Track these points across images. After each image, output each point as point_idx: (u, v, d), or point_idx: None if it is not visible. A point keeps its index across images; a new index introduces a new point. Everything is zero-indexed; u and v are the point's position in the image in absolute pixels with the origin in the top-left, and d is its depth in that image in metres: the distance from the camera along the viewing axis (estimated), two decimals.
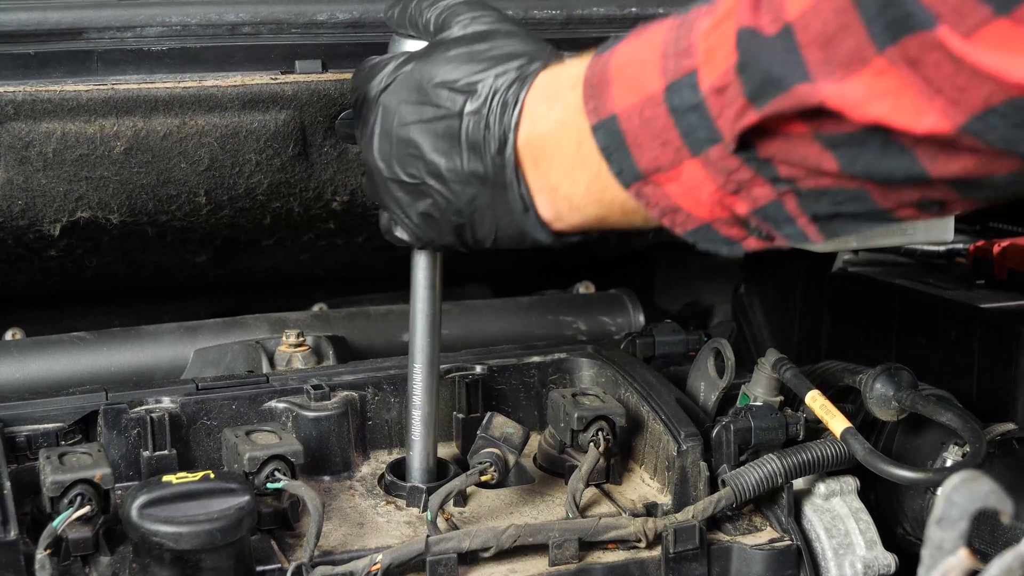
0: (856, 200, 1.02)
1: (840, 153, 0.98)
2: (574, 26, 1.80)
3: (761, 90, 0.98)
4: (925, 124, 0.92)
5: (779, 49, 0.97)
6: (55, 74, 1.56)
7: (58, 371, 1.74)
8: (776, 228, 1.08)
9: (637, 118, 1.10)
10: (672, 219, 1.13)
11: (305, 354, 1.71)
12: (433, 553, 1.37)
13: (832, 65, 0.94)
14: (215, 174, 1.65)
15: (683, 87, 1.06)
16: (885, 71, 0.91)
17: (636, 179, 1.12)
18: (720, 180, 1.06)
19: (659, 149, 1.08)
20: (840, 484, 1.56)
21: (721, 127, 1.04)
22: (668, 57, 1.08)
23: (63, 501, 1.32)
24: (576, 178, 1.18)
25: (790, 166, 1.02)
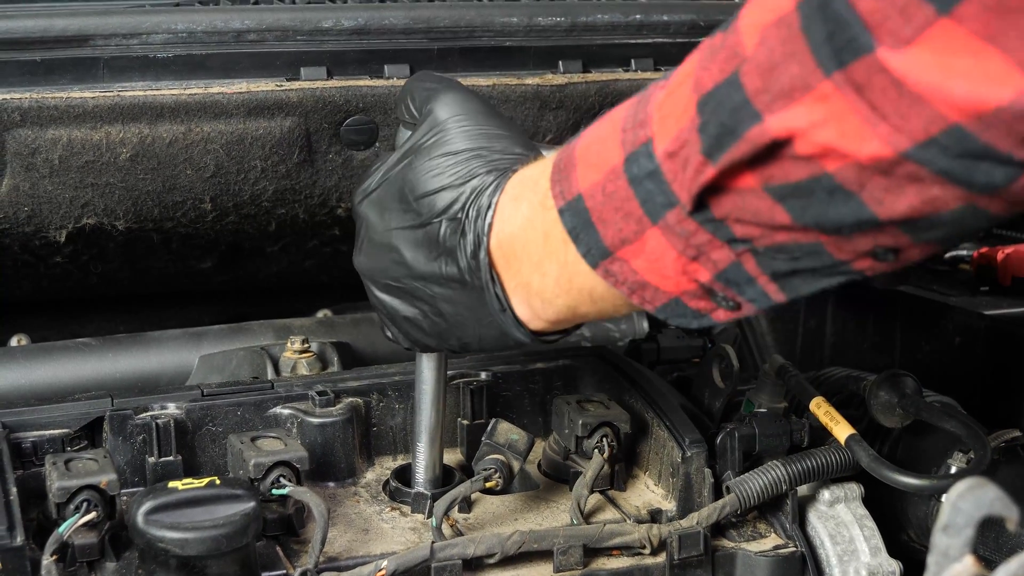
0: (812, 254, 1.02)
1: (789, 205, 0.98)
2: (578, 33, 1.81)
3: (717, 143, 0.99)
4: (869, 149, 0.92)
5: (728, 96, 0.98)
6: (61, 81, 1.57)
7: (63, 377, 1.74)
8: (739, 292, 1.08)
9: (600, 194, 1.11)
10: (641, 296, 1.13)
11: (310, 360, 1.71)
12: (438, 559, 1.37)
13: (772, 94, 0.94)
14: (220, 181, 1.65)
15: (640, 156, 1.07)
16: (830, 96, 0.92)
17: (603, 257, 1.13)
18: (680, 246, 1.07)
19: (622, 221, 1.09)
20: (844, 491, 1.56)
21: (676, 190, 1.04)
22: (627, 131, 1.09)
23: (69, 507, 1.32)
24: (545, 271, 1.20)
25: (744, 224, 1.02)
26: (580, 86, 1.77)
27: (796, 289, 1.06)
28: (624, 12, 1.84)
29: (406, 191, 1.29)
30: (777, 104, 0.94)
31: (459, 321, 1.29)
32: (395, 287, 1.32)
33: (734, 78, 0.97)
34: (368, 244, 1.34)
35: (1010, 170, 0.89)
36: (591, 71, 1.80)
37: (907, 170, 0.92)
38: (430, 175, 1.28)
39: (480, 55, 1.75)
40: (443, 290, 1.28)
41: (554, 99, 1.76)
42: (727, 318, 1.12)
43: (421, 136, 1.31)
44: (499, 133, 1.30)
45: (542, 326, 1.26)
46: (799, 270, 1.04)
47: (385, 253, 1.32)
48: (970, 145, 0.89)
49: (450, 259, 1.26)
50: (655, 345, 1.90)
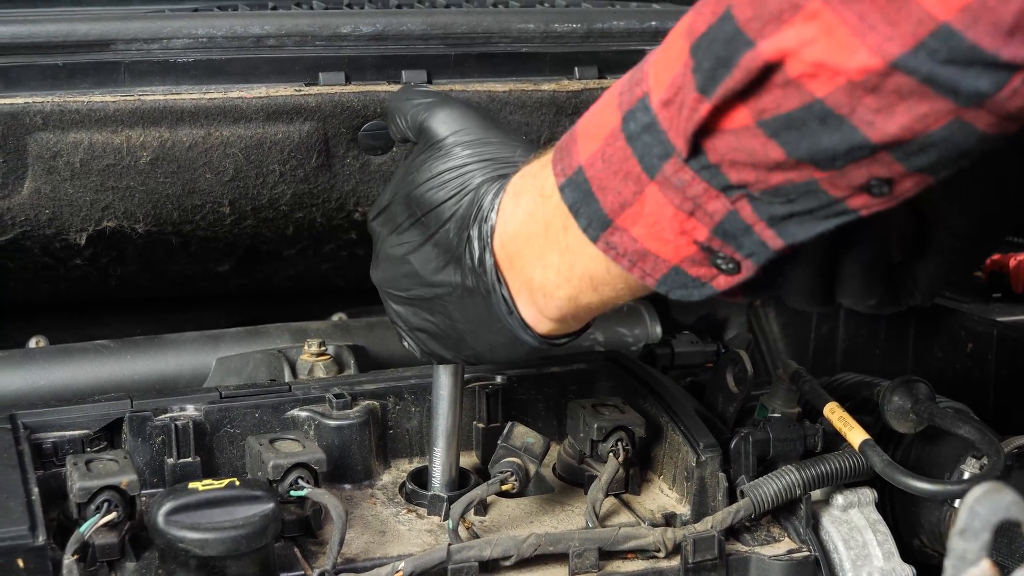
0: (808, 194, 1.03)
1: (783, 139, 0.99)
2: (594, 40, 1.82)
3: (711, 77, 1.00)
4: (858, 61, 0.92)
5: (722, 29, 0.99)
6: (83, 85, 1.58)
7: (82, 379, 1.75)
8: (736, 246, 1.09)
9: (600, 161, 1.12)
10: (641, 269, 1.14)
11: (327, 363, 1.72)
12: (455, 561, 1.38)
13: (763, 20, 0.96)
14: (239, 184, 1.67)
15: (636, 112, 1.08)
16: (819, 12, 0.93)
17: (603, 227, 1.14)
18: (677, 200, 1.08)
19: (621, 184, 1.10)
20: (858, 496, 1.56)
21: (672, 138, 1.05)
22: (623, 93, 1.11)
23: (90, 507, 1.34)
24: (547, 262, 1.21)
25: (739, 167, 1.03)
26: (596, 92, 1.78)
27: (793, 234, 1.06)
28: (640, 19, 1.86)
29: (413, 206, 1.32)
30: (768, 28, 0.95)
31: (471, 330, 1.31)
32: (409, 299, 1.35)
33: (726, 13, 0.98)
34: (382, 258, 1.37)
35: (996, 75, 0.90)
36: (607, 77, 1.81)
37: (896, 83, 0.93)
38: (434, 189, 1.30)
39: (497, 61, 1.76)
40: (453, 298, 1.30)
41: (570, 105, 1.77)
42: (728, 284, 1.12)
43: (422, 152, 1.34)
44: (499, 142, 1.32)
45: (548, 327, 1.27)
46: (795, 212, 1.05)
47: (398, 266, 1.35)
48: (957, 45, 0.89)
49: (457, 266, 1.28)
50: (669, 350, 1.91)
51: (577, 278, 1.20)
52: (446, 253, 1.29)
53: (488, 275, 1.26)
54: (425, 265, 1.31)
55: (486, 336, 1.31)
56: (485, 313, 1.28)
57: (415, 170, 1.33)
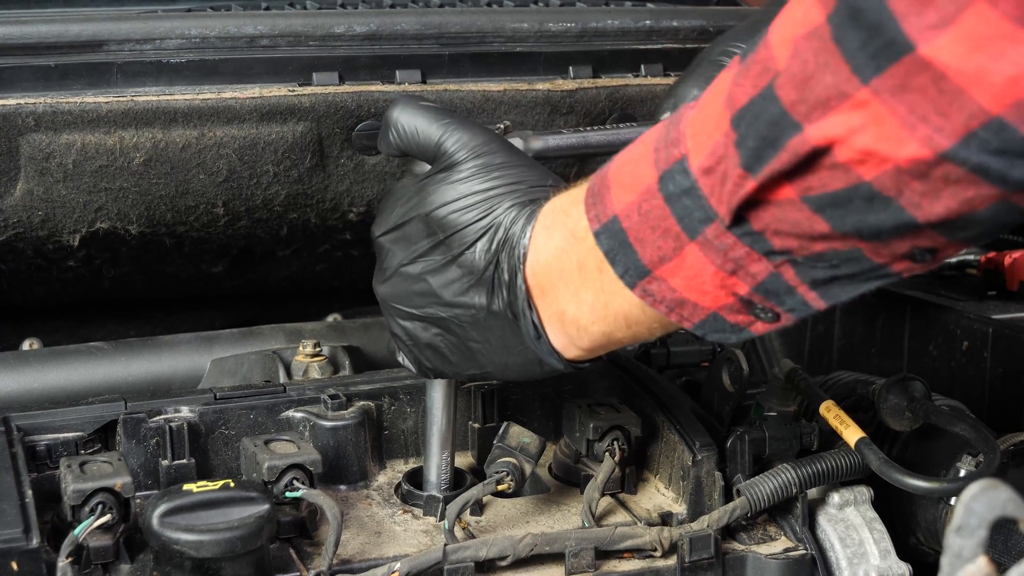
0: (851, 260, 1.04)
1: (828, 214, 1.00)
2: (588, 39, 1.82)
3: (756, 156, 1.00)
4: (908, 152, 0.93)
5: (766, 108, 0.99)
6: (75, 86, 1.58)
7: (76, 381, 1.75)
8: (778, 302, 1.10)
9: (636, 214, 1.13)
10: (679, 313, 1.15)
11: (322, 364, 1.72)
12: (451, 562, 1.38)
13: (809, 104, 0.96)
14: (233, 185, 1.66)
15: (675, 174, 1.09)
16: (867, 102, 0.93)
17: (641, 276, 1.14)
18: (718, 260, 1.08)
19: (660, 239, 1.11)
20: (854, 494, 1.56)
21: (714, 205, 1.06)
22: (659, 150, 1.11)
23: (84, 509, 1.33)
24: (581, 299, 1.22)
25: (783, 236, 1.04)
26: (590, 91, 1.78)
27: (835, 296, 1.08)
28: (634, 18, 1.85)
29: (434, 226, 1.31)
30: (815, 114, 0.96)
31: (485, 349, 1.32)
32: (421, 316, 1.35)
33: (769, 91, 0.99)
34: (393, 275, 1.36)
35: None
36: (601, 76, 1.81)
37: (944, 171, 0.93)
38: (459, 211, 1.29)
39: (491, 60, 1.76)
40: (472, 319, 1.30)
41: (564, 104, 1.76)
42: (766, 330, 1.13)
43: (441, 173, 1.32)
44: (523, 165, 1.32)
45: (576, 354, 1.28)
46: (838, 276, 1.06)
47: (411, 283, 1.34)
48: (1010, 137, 0.90)
49: (483, 290, 1.28)
50: (665, 350, 1.91)
51: (612, 316, 1.21)
52: (470, 275, 1.29)
53: (519, 301, 1.26)
54: (446, 286, 1.31)
55: (503, 357, 1.32)
56: (509, 336, 1.29)
57: (435, 191, 1.32)
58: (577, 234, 1.20)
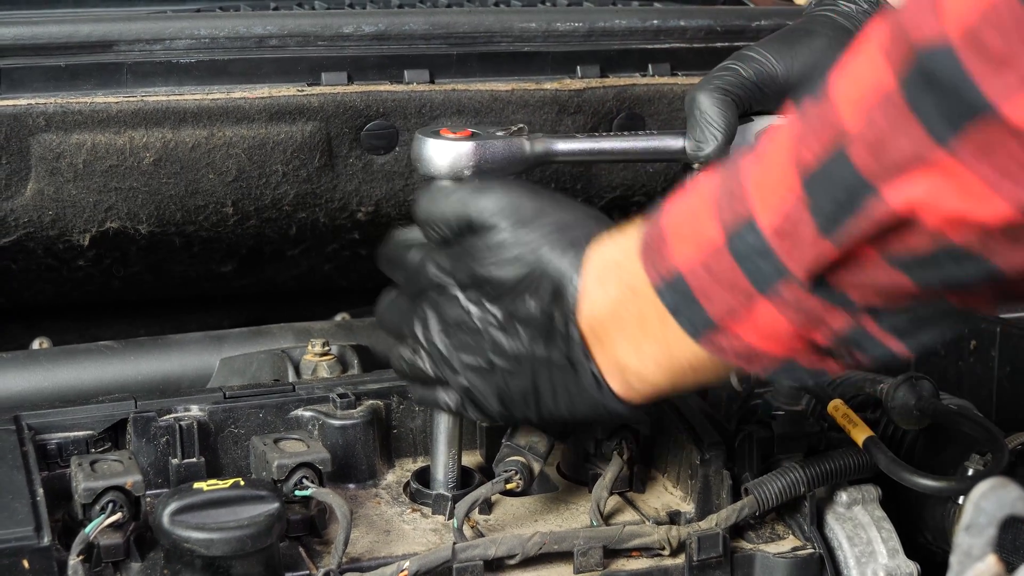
0: (936, 309, 1.03)
1: (914, 273, 0.98)
2: (596, 38, 1.83)
3: (834, 221, 0.99)
4: (993, 211, 0.91)
5: (839, 172, 0.98)
6: (85, 86, 1.59)
7: (86, 380, 1.75)
8: (860, 350, 1.08)
9: (702, 271, 1.11)
10: (751, 362, 1.13)
11: (330, 363, 1.72)
12: (460, 560, 1.38)
13: (885, 168, 0.94)
14: (242, 185, 1.67)
15: (744, 233, 1.06)
16: (947, 165, 0.91)
17: (709, 329, 1.13)
18: (795, 317, 1.07)
19: (729, 296, 1.09)
20: (862, 493, 1.56)
21: (790, 266, 1.04)
22: (722, 206, 1.09)
23: (95, 508, 1.34)
24: (643, 353, 1.20)
25: (864, 292, 1.02)
26: (598, 91, 1.78)
27: (920, 341, 1.06)
28: (642, 17, 1.86)
29: (484, 285, 1.30)
30: (892, 178, 0.94)
31: (552, 396, 1.31)
32: (475, 367, 1.33)
33: (840, 156, 0.97)
34: (442, 324, 1.34)
35: None
36: (609, 76, 1.82)
37: None
38: (502, 267, 1.29)
39: (499, 60, 1.76)
40: (538, 369, 1.29)
41: (572, 104, 1.77)
42: (843, 370, 1.12)
43: (477, 238, 1.31)
44: (553, 209, 1.31)
45: (634, 399, 1.27)
46: (923, 324, 1.04)
47: (466, 335, 1.32)
48: None
49: (541, 340, 1.27)
50: None
51: (678, 369, 1.19)
52: (528, 327, 1.28)
53: (576, 350, 1.25)
54: (508, 340, 1.30)
55: (568, 402, 1.30)
56: (572, 383, 1.28)
57: (474, 255, 1.31)
58: (635, 288, 1.18)
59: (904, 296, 1.01)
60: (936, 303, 1.02)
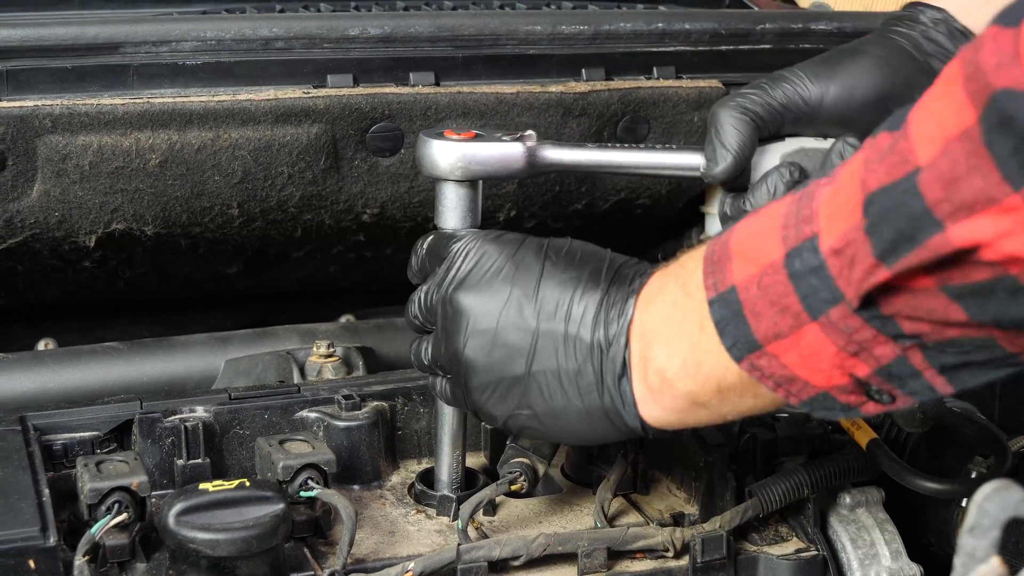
0: (984, 348, 1.02)
1: (967, 303, 0.98)
2: (601, 41, 1.83)
3: (892, 248, 0.99)
4: None
5: (905, 201, 0.97)
6: (92, 88, 1.59)
7: (91, 381, 1.76)
8: (900, 386, 1.08)
9: (755, 287, 1.11)
10: (787, 390, 1.13)
11: (335, 365, 1.73)
12: (464, 561, 1.39)
13: (954, 205, 0.94)
14: (248, 187, 1.67)
15: (803, 251, 1.06)
16: (1016, 208, 0.91)
17: (751, 350, 1.12)
18: (841, 342, 1.06)
19: (778, 315, 1.09)
20: (865, 495, 1.57)
21: (842, 287, 1.04)
22: (789, 227, 1.09)
23: (101, 508, 1.34)
24: (674, 349, 1.20)
25: (915, 321, 1.02)
26: (603, 94, 1.79)
27: (964, 381, 1.05)
28: (646, 20, 1.86)
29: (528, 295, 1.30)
30: (960, 215, 0.94)
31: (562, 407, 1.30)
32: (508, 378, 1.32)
33: (909, 185, 0.97)
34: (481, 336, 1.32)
35: None
36: (613, 79, 1.82)
37: None
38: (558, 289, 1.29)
39: (504, 63, 1.77)
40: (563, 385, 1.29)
41: (577, 106, 1.77)
42: (877, 411, 1.11)
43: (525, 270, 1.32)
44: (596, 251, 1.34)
45: (651, 413, 1.25)
46: (969, 363, 1.04)
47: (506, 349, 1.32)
48: None
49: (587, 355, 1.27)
50: None
51: (703, 377, 1.18)
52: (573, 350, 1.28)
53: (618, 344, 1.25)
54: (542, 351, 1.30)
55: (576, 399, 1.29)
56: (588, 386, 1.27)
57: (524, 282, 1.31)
58: (688, 290, 1.19)
59: (955, 327, 1.01)
60: (984, 341, 1.01)
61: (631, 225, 2.00)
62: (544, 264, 1.32)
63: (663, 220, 2.02)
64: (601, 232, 2.00)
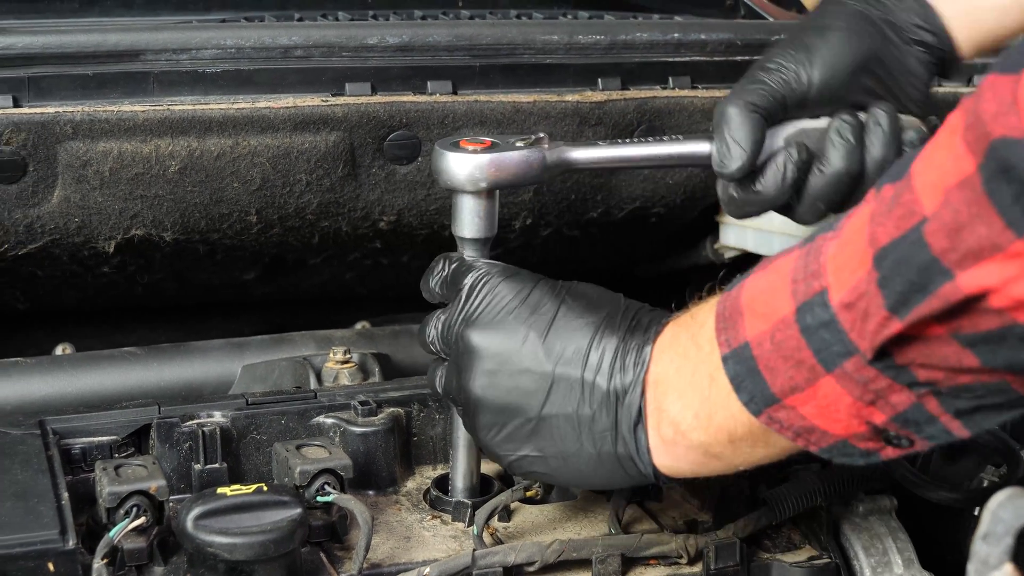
0: (998, 392, 1.03)
1: (980, 350, 0.99)
2: (617, 51, 1.84)
3: (904, 299, 1.00)
4: None
5: (914, 253, 0.99)
6: (112, 95, 1.60)
7: (109, 386, 1.77)
8: (917, 431, 1.09)
9: (769, 343, 1.12)
10: (806, 439, 1.14)
11: (352, 371, 1.74)
12: (479, 567, 1.39)
13: (961, 253, 0.95)
14: (266, 194, 1.68)
15: (814, 306, 1.08)
16: (1022, 253, 0.92)
17: (768, 404, 1.13)
18: (857, 392, 1.08)
19: (793, 370, 1.10)
20: (878, 503, 1.57)
21: (855, 340, 1.05)
22: (798, 282, 1.10)
23: (119, 512, 1.35)
24: (688, 401, 1.22)
25: (929, 369, 1.03)
26: (619, 103, 1.79)
27: (979, 424, 1.07)
28: (662, 31, 1.87)
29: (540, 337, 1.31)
30: (967, 262, 0.95)
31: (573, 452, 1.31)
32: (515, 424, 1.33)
33: (916, 236, 0.98)
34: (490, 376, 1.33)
35: None
36: (629, 88, 1.83)
37: None
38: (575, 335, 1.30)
39: (521, 72, 1.77)
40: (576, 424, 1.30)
41: (593, 116, 1.78)
42: (896, 455, 1.13)
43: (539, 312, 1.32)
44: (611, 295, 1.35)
45: (664, 462, 1.27)
46: (983, 407, 1.05)
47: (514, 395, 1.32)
48: None
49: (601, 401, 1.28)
50: None
51: (715, 428, 1.20)
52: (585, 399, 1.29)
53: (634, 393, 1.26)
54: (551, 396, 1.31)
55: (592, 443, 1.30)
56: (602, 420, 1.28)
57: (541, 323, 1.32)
58: (699, 343, 1.20)
59: (968, 374, 1.02)
60: (998, 386, 1.02)
61: (646, 233, 2.01)
62: (560, 307, 1.32)
63: (678, 228, 2.03)
64: (616, 240, 2.01)
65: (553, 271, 1.44)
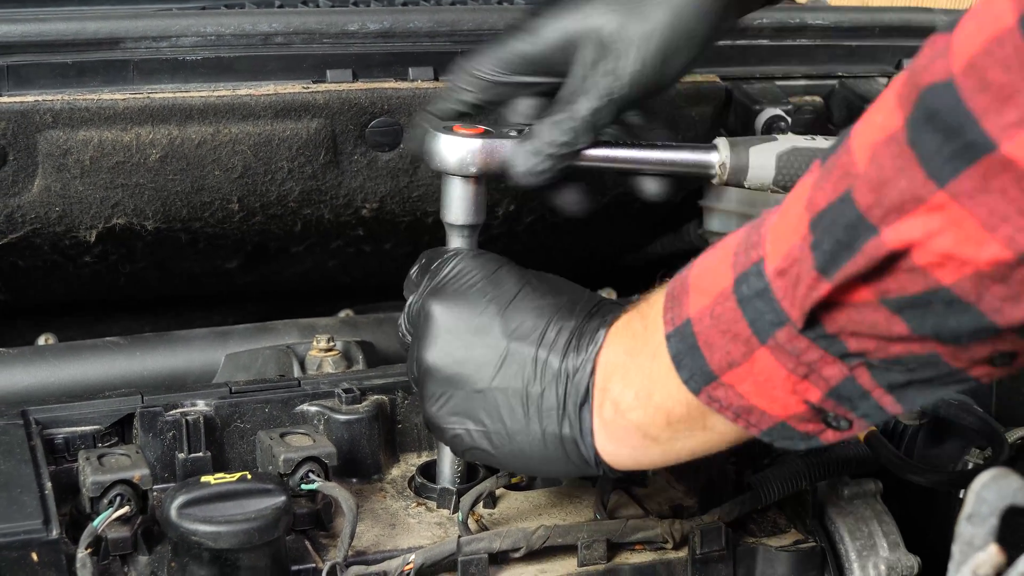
0: (928, 365, 1.02)
1: (907, 315, 0.98)
2: None
3: (832, 259, 0.99)
4: (988, 254, 0.91)
5: (842, 212, 0.98)
6: (92, 83, 1.59)
7: (92, 375, 1.76)
8: (851, 407, 1.08)
9: (708, 318, 1.11)
10: (746, 420, 1.14)
11: (335, 359, 1.73)
12: (465, 553, 1.39)
13: (885, 208, 0.95)
14: (248, 181, 1.68)
15: (749, 276, 1.07)
16: (945, 205, 0.91)
17: (707, 382, 1.13)
18: (790, 364, 1.07)
19: (730, 344, 1.10)
20: (863, 487, 1.57)
21: (786, 308, 1.04)
22: (739, 254, 1.10)
23: (103, 501, 1.35)
24: (628, 379, 1.21)
25: (859, 338, 1.02)
26: None
27: (912, 400, 1.06)
28: None
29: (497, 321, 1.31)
30: (891, 217, 0.94)
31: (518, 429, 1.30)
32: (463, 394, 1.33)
33: (847, 196, 0.98)
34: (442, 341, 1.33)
35: None
36: None
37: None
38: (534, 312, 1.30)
39: None
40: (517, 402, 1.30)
41: None
42: (836, 439, 1.12)
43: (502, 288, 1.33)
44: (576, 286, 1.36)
45: (605, 446, 1.26)
46: (915, 380, 1.04)
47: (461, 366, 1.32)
48: None
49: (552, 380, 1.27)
50: None
51: (653, 408, 1.19)
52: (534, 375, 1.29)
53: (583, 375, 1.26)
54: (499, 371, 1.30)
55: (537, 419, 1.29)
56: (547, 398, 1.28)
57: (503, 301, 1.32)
58: (647, 323, 1.20)
59: (897, 341, 1.01)
60: (928, 357, 1.01)
61: (629, 219, 2.01)
62: (523, 287, 1.32)
63: (662, 214, 2.03)
64: (600, 227, 2.01)
65: (538, 259, 1.44)
